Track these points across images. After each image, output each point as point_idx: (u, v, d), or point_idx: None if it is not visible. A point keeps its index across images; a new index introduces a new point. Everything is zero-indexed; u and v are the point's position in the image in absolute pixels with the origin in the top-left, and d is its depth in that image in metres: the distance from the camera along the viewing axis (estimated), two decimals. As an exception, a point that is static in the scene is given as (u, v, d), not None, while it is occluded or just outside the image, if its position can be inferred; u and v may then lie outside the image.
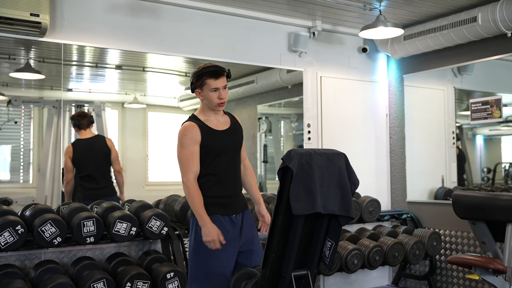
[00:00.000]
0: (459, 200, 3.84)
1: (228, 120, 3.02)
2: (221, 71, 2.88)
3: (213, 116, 2.96)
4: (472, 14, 4.29)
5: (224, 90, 2.89)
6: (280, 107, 5.62)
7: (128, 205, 3.84)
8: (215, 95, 2.86)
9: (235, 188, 2.99)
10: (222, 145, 2.91)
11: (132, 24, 4.08)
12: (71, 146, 4.53)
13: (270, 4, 4.38)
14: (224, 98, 2.89)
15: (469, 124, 4.94)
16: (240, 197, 3.02)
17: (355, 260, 4.24)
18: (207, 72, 2.85)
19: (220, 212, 2.89)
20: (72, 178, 4.43)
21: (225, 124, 2.99)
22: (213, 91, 2.86)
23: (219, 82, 2.86)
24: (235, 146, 3.00)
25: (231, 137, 2.98)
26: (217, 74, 2.85)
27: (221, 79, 2.87)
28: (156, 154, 5.79)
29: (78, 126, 4.56)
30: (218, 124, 2.96)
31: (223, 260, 2.88)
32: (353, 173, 2.64)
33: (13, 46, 4.02)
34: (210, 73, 2.85)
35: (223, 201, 2.92)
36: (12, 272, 3.18)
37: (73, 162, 4.42)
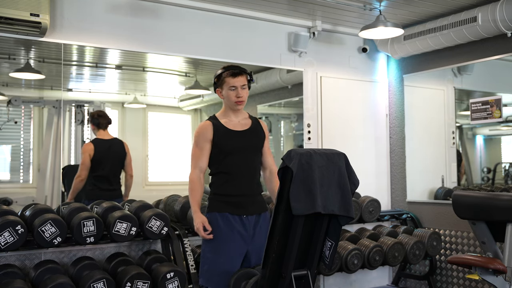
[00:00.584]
0: (459, 200, 3.83)
1: (249, 123, 3.09)
2: (240, 71, 3.01)
3: (233, 116, 3.06)
4: (472, 14, 4.29)
5: (243, 89, 3.00)
6: (280, 107, 5.62)
7: (128, 205, 3.83)
8: (233, 93, 2.99)
9: (248, 188, 3.00)
10: (234, 145, 2.99)
11: (132, 24, 4.08)
12: (92, 144, 4.53)
13: (270, 4, 4.38)
14: (242, 97, 3.00)
15: (469, 124, 4.94)
16: (255, 198, 3.02)
17: (355, 260, 4.24)
18: (227, 71, 3.01)
19: (229, 210, 2.96)
20: (86, 176, 4.42)
21: (244, 126, 3.07)
22: (232, 89, 2.99)
23: (237, 80, 2.98)
24: (251, 147, 3.03)
25: (248, 138, 3.02)
26: (235, 73, 2.99)
27: (239, 78, 2.99)
28: (156, 154, 5.79)
29: (98, 125, 4.58)
30: (237, 125, 3.05)
31: (226, 256, 2.91)
32: (353, 173, 2.64)
33: (13, 46, 4.02)
34: (229, 72, 2.99)
35: (233, 200, 2.97)
36: (12, 272, 3.18)
37: (92, 161, 4.43)
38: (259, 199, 3.05)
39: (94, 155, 4.45)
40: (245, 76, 3.02)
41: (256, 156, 3.06)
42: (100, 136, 4.59)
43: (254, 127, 3.08)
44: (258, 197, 3.05)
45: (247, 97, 3.05)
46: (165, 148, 5.91)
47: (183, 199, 3.97)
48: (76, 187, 4.43)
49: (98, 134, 4.60)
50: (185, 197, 4.01)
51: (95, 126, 4.59)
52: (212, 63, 4.68)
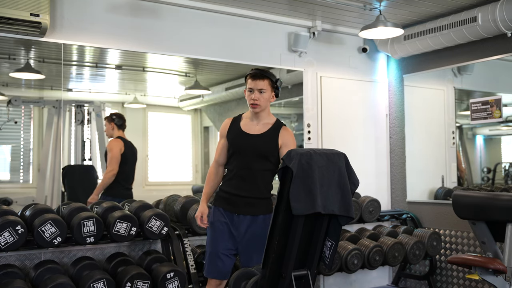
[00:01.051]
0: (459, 200, 3.84)
1: (267, 128, 3.07)
2: (261, 75, 3.02)
3: (254, 119, 3.10)
4: (472, 14, 4.29)
5: (261, 93, 3.01)
6: (280, 107, 5.62)
7: (128, 205, 3.84)
8: (250, 95, 3.04)
9: (246, 190, 3.02)
10: (240, 145, 3.04)
11: (132, 24, 4.08)
12: (121, 140, 4.56)
13: (270, 4, 4.38)
14: (257, 100, 3.01)
15: (469, 124, 4.94)
16: (252, 201, 3.02)
17: (355, 260, 4.24)
18: (249, 73, 3.07)
19: (221, 205, 3.08)
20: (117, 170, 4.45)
21: (259, 130, 3.06)
22: (249, 91, 3.05)
23: (255, 83, 3.02)
24: (255, 152, 3.02)
25: (255, 143, 3.02)
26: (255, 76, 3.02)
27: (258, 82, 3.01)
28: (156, 154, 5.79)
29: (120, 126, 4.63)
30: (253, 128, 3.07)
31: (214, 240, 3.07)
32: (353, 173, 2.64)
33: (13, 46, 4.02)
34: (251, 74, 3.05)
35: (228, 196, 3.06)
36: (12, 272, 3.18)
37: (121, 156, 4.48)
38: (259, 203, 3.04)
39: (124, 152, 4.51)
40: (266, 80, 3.02)
41: (264, 162, 3.03)
42: (121, 135, 4.64)
43: (268, 134, 3.05)
44: (258, 200, 3.04)
45: (266, 102, 3.03)
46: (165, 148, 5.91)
47: (183, 199, 3.97)
48: (107, 182, 4.45)
49: (118, 134, 4.63)
50: (185, 197, 4.02)
51: (116, 126, 4.62)
52: (212, 63, 4.69)
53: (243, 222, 3.02)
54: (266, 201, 3.07)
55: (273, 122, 3.09)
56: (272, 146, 3.03)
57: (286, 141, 3.03)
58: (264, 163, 3.04)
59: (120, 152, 4.48)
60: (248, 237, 3.02)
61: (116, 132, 4.62)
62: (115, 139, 4.62)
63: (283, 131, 3.06)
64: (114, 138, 4.64)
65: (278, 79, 3.09)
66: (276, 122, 3.10)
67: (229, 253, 3.06)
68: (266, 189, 3.07)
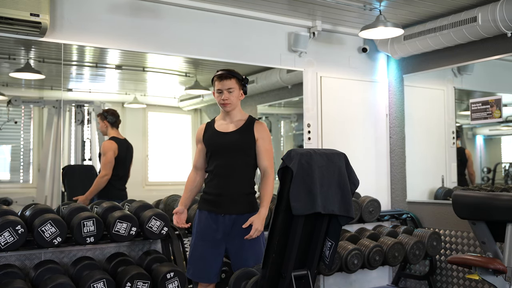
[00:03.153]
0: (459, 200, 3.83)
1: (241, 124, 3.10)
2: (227, 74, 3.05)
3: (227, 118, 3.14)
4: (472, 14, 4.29)
5: (230, 93, 3.05)
6: (280, 107, 5.62)
7: (128, 205, 3.84)
8: (219, 96, 3.07)
9: (230, 188, 3.03)
10: (216, 145, 3.07)
11: (132, 24, 4.07)
12: (114, 142, 4.49)
13: (270, 4, 4.38)
14: (227, 99, 3.05)
15: (469, 124, 4.94)
16: (237, 198, 3.03)
17: (355, 260, 4.24)
18: (215, 75, 3.11)
19: (205, 208, 3.09)
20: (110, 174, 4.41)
21: (234, 127, 3.10)
22: (218, 92, 3.08)
23: (222, 84, 3.05)
24: (235, 148, 3.04)
25: (232, 139, 3.05)
26: (222, 76, 3.06)
27: (225, 82, 3.05)
28: (156, 154, 5.79)
29: (113, 124, 4.56)
30: (227, 126, 3.11)
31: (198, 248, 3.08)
32: (353, 173, 2.64)
33: (13, 46, 4.02)
34: (217, 75, 3.09)
35: (211, 198, 3.07)
36: (12, 272, 3.17)
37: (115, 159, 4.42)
38: (244, 200, 3.05)
39: (118, 154, 4.45)
40: (233, 79, 3.05)
41: (243, 157, 3.06)
42: (115, 135, 4.57)
43: (244, 128, 3.09)
44: (242, 198, 3.05)
45: (236, 100, 3.08)
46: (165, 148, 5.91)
47: (183, 199, 3.97)
48: (99, 187, 4.39)
49: (112, 133, 4.57)
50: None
51: (110, 124, 4.56)
52: (212, 63, 4.68)
53: (228, 222, 3.02)
54: (249, 197, 3.08)
55: (245, 118, 3.14)
56: (249, 139, 3.06)
57: (261, 134, 3.08)
58: (243, 157, 3.06)
59: (113, 155, 4.41)
60: (235, 237, 3.02)
61: (110, 130, 4.55)
62: (109, 140, 4.54)
63: (257, 125, 3.11)
64: (108, 140, 4.56)
65: (245, 77, 3.12)
66: (249, 118, 3.15)
67: (216, 256, 3.05)
68: (248, 185, 3.09)
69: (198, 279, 3.10)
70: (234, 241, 3.03)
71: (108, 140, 4.58)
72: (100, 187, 4.40)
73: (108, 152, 4.43)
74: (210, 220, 3.05)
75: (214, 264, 3.06)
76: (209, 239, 3.05)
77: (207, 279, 3.07)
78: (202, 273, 3.07)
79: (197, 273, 3.08)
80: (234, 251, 3.05)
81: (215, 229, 3.04)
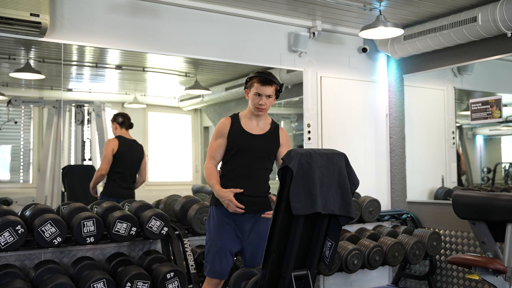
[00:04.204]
0: (459, 200, 3.83)
1: (267, 128, 3.12)
2: (270, 80, 3.03)
3: (254, 119, 3.12)
4: (472, 14, 4.29)
5: (268, 99, 3.05)
6: (280, 107, 5.62)
7: (128, 205, 3.84)
8: (257, 100, 3.05)
9: (249, 189, 3.02)
10: (243, 146, 3.05)
11: (132, 24, 4.08)
12: (116, 139, 4.55)
13: (270, 4, 4.38)
14: (264, 105, 3.04)
15: (469, 124, 4.94)
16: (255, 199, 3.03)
17: (355, 260, 4.24)
18: (257, 76, 3.05)
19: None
20: (107, 170, 4.45)
21: (261, 130, 3.11)
22: (256, 95, 3.04)
23: (264, 89, 3.03)
24: (260, 152, 3.07)
25: (260, 143, 3.07)
26: (265, 81, 3.02)
27: (267, 87, 3.03)
28: (156, 154, 5.79)
29: (121, 124, 4.61)
30: (254, 128, 3.10)
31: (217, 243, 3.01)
32: (353, 173, 2.64)
33: (13, 46, 4.02)
34: (260, 78, 3.03)
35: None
36: (12, 272, 3.18)
37: (114, 156, 4.45)
38: (261, 201, 3.07)
39: (117, 151, 4.48)
40: (274, 86, 3.05)
41: (264, 161, 3.09)
42: (121, 134, 4.62)
43: (270, 134, 3.12)
44: (259, 199, 3.06)
45: (270, 106, 3.10)
46: (165, 148, 5.91)
47: (183, 199, 3.97)
48: (97, 181, 4.48)
49: (119, 133, 4.62)
50: (185, 197, 4.02)
51: (118, 125, 4.61)
52: (212, 63, 4.69)
53: (247, 220, 3.02)
54: (266, 199, 3.11)
55: (270, 122, 3.17)
56: (275, 146, 3.12)
57: (285, 141, 3.15)
58: (265, 162, 3.10)
59: (111, 151, 4.45)
60: (253, 235, 3.03)
61: (118, 131, 4.62)
62: (112, 138, 4.62)
63: (282, 132, 3.16)
64: (112, 138, 4.64)
65: (283, 84, 3.12)
66: (273, 122, 3.18)
67: (233, 253, 3.05)
68: (266, 187, 3.11)
69: (215, 275, 3.03)
70: (251, 240, 3.02)
71: (111, 138, 4.65)
72: (97, 180, 4.48)
73: (107, 148, 4.50)
74: (229, 216, 3.02)
75: (230, 259, 3.04)
76: (226, 235, 3.01)
77: (223, 274, 3.03)
78: (219, 268, 3.01)
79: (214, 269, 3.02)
80: (250, 249, 3.04)
81: (233, 226, 3.02)
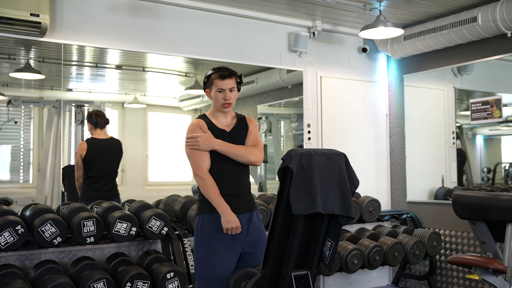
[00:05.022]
0: (459, 200, 3.83)
1: (235, 122, 3.07)
2: (229, 73, 2.98)
3: (222, 117, 3.06)
4: (472, 14, 4.29)
5: (231, 92, 2.99)
6: (280, 107, 5.62)
7: (128, 205, 3.84)
8: (221, 95, 2.98)
9: (236, 187, 2.97)
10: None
11: (132, 24, 4.08)
12: (85, 143, 4.50)
13: (270, 4, 4.38)
14: (229, 99, 2.98)
15: (469, 124, 4.94)
16: (244, 197, 2.99)
17: (355, 260, 4.24)
18: (216, 73, 2.98)
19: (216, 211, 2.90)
20: (81, 176, 4.42)
21: (231, 126, 3.06)
22: (219, 91, 2.97)
23: (225, 83, 2.96)
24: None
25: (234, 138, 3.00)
26: (224, 75, 2.96)
27: (227, 81, 2.97)
28: (156, 154, 5.79)
29: (95, 125, 4.56)
30: (225, 125, 3.05)
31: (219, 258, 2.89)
32: (353, 173, 2.64)
33: (13, 46, 4.02)
34: (218, 74, 2.97)
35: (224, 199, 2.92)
36: (12, 272, 3.17)
37: (84, 161, 4.41)
38: (249, 198, 3.03)
39: (86, 155, 4.42)
40: (234, 78, 3.00)
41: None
42: (96, 135, 4.56)
43: (238, 126, 3.06)
44: (247, 196, 3.02)
45: (235, 99, 3.03)
46: (165, 148, 5.91)
47: (183, 199, 3.97)
48: (78, 187, 4.45)
49: (94, 134, 4.57)
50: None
51: (92, 125, 4.56)
52: (212, 63, 4.68)
53: (243, 220, 2.95)
54: (252, 195, 3.08)
55: (235, 115, 3.11)
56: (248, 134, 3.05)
57: (251, 126, 3.07)
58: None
59: (80, 157, 4.40)
60: (251, 234, 2.96)
61: (93, 131, 4.56)
62: (80, 143, 4.55)
63: (247, 119, 3.11)
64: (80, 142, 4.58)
65: (241, 75, 3.06)
66: (237, 114, 3.12)
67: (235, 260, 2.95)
68: (249, 182, 3.08)
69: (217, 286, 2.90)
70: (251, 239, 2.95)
71: (80, 142, 4.60)
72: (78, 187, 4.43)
73: (76, 154, 4.46)
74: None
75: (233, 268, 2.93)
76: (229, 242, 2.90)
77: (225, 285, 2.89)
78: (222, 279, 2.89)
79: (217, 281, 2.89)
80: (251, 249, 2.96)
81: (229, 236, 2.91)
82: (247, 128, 3.07)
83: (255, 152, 2.97)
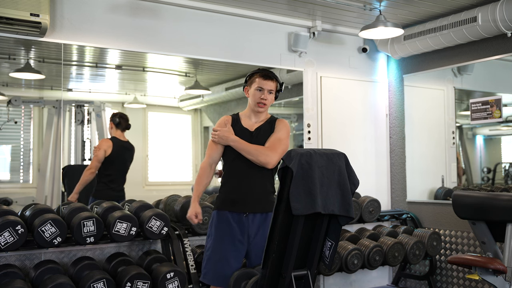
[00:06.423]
0: (459, 200, 3.84)
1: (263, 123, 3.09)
2: (272, 76, 3.06)
3: (254, 117, 3.10)
4: (472, 14, 4.29)
5: (269, 94, 3.04)
6: (280, 107, 5.61)
7: (128, 205, 3.84)
8: (258, 94, 3.03)
9: (251, 187, 2.97)
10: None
11: (132, 24, 4.08)
12: (110, 141, 4.53)
13: (270, 4, 4.38)
14: (266, 99, 3.03)
15: (469, 124, 4.94)
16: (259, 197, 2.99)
17: (355, 260, 4.24)
18: (259, 72, 3.08)
19: (227, 208, 2.98)
20: (97, 169, 4.42)
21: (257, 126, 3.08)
22: (258, 90, 3.03)
23: (266, 83, 3.03)
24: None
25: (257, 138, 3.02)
26: (267, 76, 3.04)
27: (269, 82, 3.04)
28: (156, 154, 5.79)
29: (117, 125, 4.60)
30: (253, 125, 3.07)
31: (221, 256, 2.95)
32: (353, 173, 2.64)
33: (13, 46, 4.02)
34: (261, 74, 3.06)
35: (233, 197, 2.99)
36: (12, 272, 3.18)
37: (106, 158, 4.43)
38: (264, 199, 2.99)
39: (110, 153, 4.46)
40: (275, 83, 3.06)
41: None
42: (118, 136, 4.60)
43: (264, 127, 3.06)
44: (262, 197, 3.00)
45: (271, 103, 3.07)
46: (165, 148, 5.91)
47: (183, 199, 3.97)
48: (85, 179, 4.38)
49: (115, 134, 4.60)
50: (185, 197, 4.02)
51: (114, 125, 4.60)
52: (212, 63, 4.69)
53: (253, 221, 2.95)
54: (272, 195, 3.04)
55: (269, 117, 3.14)
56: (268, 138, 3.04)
57: (279, 129, 3.06)
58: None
59: (103, 153, 4.42)
60: (259, 237, 2.94)
61: (113, 131, 4.60)
62: (105, 138, 4.62)
63: (278, 122, 3.10)
64: (104, 139, 4.64)
65: (283, 83, 3.12)
66: (271, 117, 3.15)
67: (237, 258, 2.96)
68: (270, 184, 3.05)
69: (217, 283, 2.95)
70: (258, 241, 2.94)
71: (104, 138, 4.65)
72: (86, 179, 4.38)
73: (99, 149, 4.47)
74: (232, 221, 2.96)
75: (235, 266, 2.95)
76: (231, 240, 2.94)
77: (226, 283, 2.93)
78: (222, 276, 2.93)
79: (216, 277, 2.94)
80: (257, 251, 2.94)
81: (238, 230, 2.95)
82: (273, 130, 3.06)
83: (267, 153, 2.94)
